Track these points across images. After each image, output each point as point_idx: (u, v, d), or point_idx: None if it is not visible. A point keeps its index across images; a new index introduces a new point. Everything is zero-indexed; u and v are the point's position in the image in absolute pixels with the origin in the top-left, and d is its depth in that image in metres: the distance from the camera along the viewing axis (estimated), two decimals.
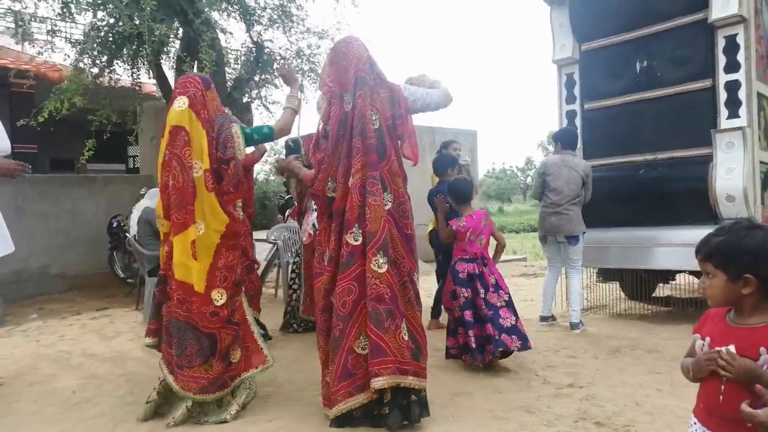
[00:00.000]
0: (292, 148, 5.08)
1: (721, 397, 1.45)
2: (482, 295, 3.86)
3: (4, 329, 5.53)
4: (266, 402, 3.26)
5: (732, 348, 1.43)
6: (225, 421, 2.95)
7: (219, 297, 2.97)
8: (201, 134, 2.99)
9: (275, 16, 7.16)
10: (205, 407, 3.01)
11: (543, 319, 5.17)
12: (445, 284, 4.14)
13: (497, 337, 3.75)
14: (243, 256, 4.22)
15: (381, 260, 2.78)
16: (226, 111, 3.43)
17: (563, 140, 5.15)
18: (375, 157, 2.88)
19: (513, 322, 3.85)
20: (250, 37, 7.34)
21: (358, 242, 2.82)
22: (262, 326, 4.59)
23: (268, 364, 3.19)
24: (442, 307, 4.55)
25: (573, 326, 4.92)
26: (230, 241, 3.04)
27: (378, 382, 2.68)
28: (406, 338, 2.79)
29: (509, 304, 3.93)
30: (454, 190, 4.28)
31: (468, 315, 3.83)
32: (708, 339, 1.52)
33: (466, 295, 3.88)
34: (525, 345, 3.82)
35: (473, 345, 3.74)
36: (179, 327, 2.96)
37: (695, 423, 1.56)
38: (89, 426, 2.98)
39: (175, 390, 2.96)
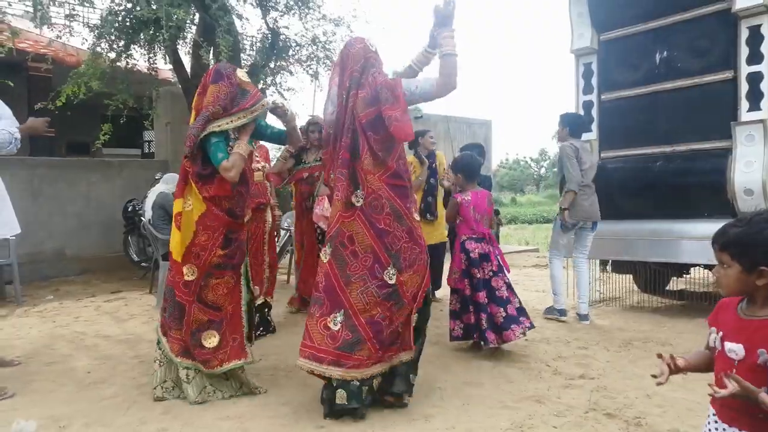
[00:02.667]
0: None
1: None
2: (496, 275, 3.95)
3: (22, 309, 5.63)
4: (277, 386, 3.30)
5: (740, 348, 1.43)
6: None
7: (190, 273, 3.07)
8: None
9: (291, 3, 7.14)
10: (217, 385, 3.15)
11: (562, 312, 4.93)
12: (452, 263, 4.09)
13: (520, 319, 3.89)
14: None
15: (327, 251, 2.94)
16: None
17: (571, 127, 4.98)
18: (348, 156, 2.93)
19: (518, 304, 3.98)
20: (266, 23, 7.34)
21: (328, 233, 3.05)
22: (265, 321, 4.60)
23: (246, 360, 3.19)
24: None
25: (583, 318, 4.90)
26: (208, 222, 3.05)
27: (298, 362, 2.87)
28: (335, 328, 2.82)
29: (510, 286, 4.03)
30: (463, 165, 4.16)
31: (482, 296, 3.88)
32: (720, 333, 1.52)
33: (479, 275, 3.92)
34: (532, 324, 3.99)
35: (485, 326, 3.80)
36: (168, 290, 3.18)
37: (713, 414, 1.56)
38: (104, 406, 3.03)
39: (165, 351, 3.14)
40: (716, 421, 1.52)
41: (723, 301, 1.59)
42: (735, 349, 1.45)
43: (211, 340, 3.09)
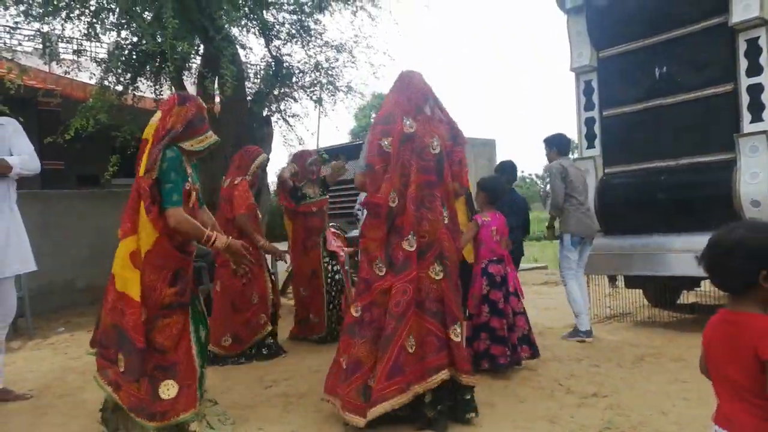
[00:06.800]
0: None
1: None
2: (508, 301, 3.98)
3: (33, 342, 5.66)
4: (288, 412, 3.29)
5: None
6: None
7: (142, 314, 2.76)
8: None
9: (293, 31, 7.26)
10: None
11: (587, 334, 4.85)
12: (473, 287, 3.98)
13: (517, 348, 3.92)
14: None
15: (438, 268, 3.05)
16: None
17: (559, 147, 5.16)
18: (434, 178, 3.15)
19: (525, 332, 4.03)
20: (269, 51, 7.45)
21: (413, 248, 3.03)
22: (270, 343, 4.65)
23: (195, 409, 2.81)
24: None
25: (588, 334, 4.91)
26: (157, 260, 2.78)
27: (443, 374, 2.92)
28: (458, 340, 3.00)
29: (524, 312, 4.06)
30: (489, 185, 4.20)
31: (502, 323, 3.87)
32: None
33: (502, 299, 3.92)
34: (535, 353, 4.03)
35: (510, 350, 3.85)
36: (121, 334, 2.78)
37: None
38: None
39: (117, 402, 2.78)
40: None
41: None
42: None
43: (169, 391, 2.76)
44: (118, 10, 6.04)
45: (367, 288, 3.09)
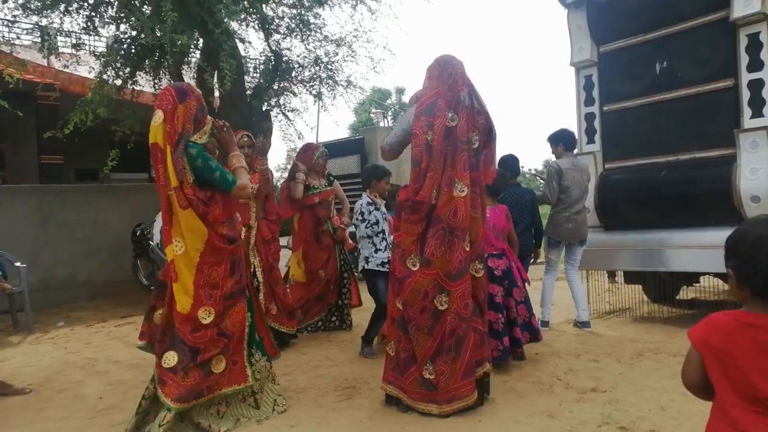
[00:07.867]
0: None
1: None
2: (511, 294, 3.99)
3: (33, 336, 5.66)
4: (288, 407, 3.29)
5: None
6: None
7: (206, 315, 2.86)
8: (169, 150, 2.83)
9: (293, 25, 7.23)
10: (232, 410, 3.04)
11: (544, 324, 5.01)
12: None
13: (519, 342, 3.95)
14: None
15: (479, 266, 3.19)
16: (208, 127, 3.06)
17: (566, 142, 5.15)
18: (475, 174, 3.16)
19: (527, 319, 4.06)
20: (269, 45, 7.43)
21: (469, 249, 3.11)
22: (278, 335, 4.65)
23: (247, 384, 3.04)
24: None
25: (584, 325, 5.05)
26: (211, 257, 2.89)
27: (487, 367, 3.22)
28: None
29: (526, 301, 4.08)
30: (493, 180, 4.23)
31: (498, 317, 3.87)
32: None
33: (501, 294, 3.93)
34: (535, 337, 4.09)
35: (503, 345, 3.87)
36: (179, 341, 2.89)
37: None
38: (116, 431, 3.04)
39: (159, 397, 2.86)
40: None
41: None
42: None
43: (218, 365, 2.94)
44: (117, 3, 6.02)
45: (400, 285, 3.12)
